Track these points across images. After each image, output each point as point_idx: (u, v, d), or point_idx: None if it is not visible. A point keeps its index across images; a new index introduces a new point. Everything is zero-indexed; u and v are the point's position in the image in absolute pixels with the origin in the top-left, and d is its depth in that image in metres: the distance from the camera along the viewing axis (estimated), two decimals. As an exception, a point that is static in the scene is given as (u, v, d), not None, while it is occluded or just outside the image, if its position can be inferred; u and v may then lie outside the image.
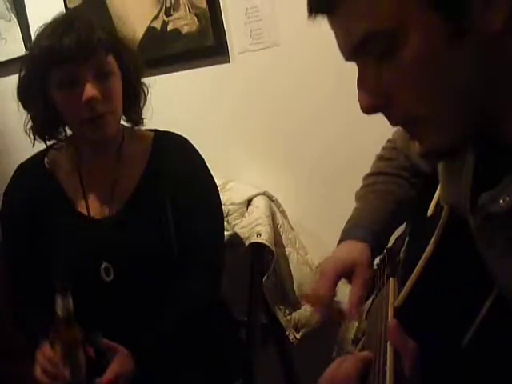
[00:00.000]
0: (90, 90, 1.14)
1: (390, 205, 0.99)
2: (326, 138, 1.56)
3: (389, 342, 0.61)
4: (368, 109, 0.59)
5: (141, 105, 1.30)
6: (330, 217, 1.00)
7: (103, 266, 1.21)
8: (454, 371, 0.59)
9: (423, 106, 0.57)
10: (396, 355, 0.59)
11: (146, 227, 1.24)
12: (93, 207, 1.26)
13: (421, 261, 0.70)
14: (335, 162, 1.57)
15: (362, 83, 0.59)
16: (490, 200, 0.57)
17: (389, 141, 1.07)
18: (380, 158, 1.06)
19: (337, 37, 0.60)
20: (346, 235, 0.97)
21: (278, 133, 1.67)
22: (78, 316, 1.11)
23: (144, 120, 1.31)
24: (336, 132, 1.53)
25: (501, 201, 0.55)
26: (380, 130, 0.89)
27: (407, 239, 0.94)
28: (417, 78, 0.55)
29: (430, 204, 0.88)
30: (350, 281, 0.90)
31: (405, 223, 1.01)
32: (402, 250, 0.91)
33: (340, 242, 0.97)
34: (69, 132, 1.28)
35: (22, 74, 1.21)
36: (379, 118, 0.61)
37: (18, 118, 1.27)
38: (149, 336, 1.19)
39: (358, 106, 0.60)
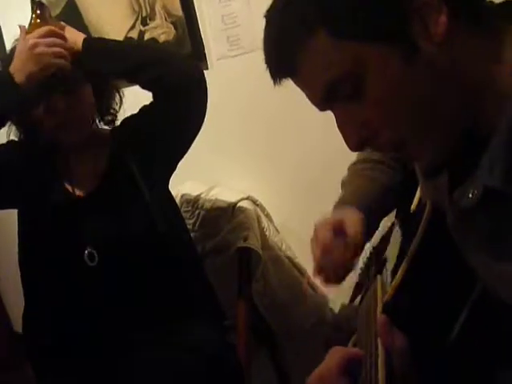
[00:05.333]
0: (53, 104, 1.19)
1: (378, 188, 0.99)
2: (307, 141, 1.57)
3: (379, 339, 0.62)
4: (356, 146, 0.62)
5: (113, 105, 1.36)
6: (315, 218, 1.00)
7: (87, 251, 1.22)
8: (442, 367, 0.59)
9: (406, 127, 0.59)
10: (387, 352, 0.60)
11: (125, 204, 1.26)
12: (77, 187, 1.29)
13: (407, 257, 0.70)
14: (317, 163, 1.58)
15: (343, 126, 0.62)
16: (461, 195, 0.58)
17: None
18: None
19: (305, 92, 0.63)
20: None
21: (259, 137, 1.68)
22: (65, 303, 1.16)
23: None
24: (318, 134, 1.53)
25: (469, 195, 0.56)
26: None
27: (392, 236, 0.94)
28: (390, 102, 0.58)
29: (413, 198, 0.89)
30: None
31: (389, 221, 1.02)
32: (388, 247, 0.92)
33: None
34: None
35: None
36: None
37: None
38: None
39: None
